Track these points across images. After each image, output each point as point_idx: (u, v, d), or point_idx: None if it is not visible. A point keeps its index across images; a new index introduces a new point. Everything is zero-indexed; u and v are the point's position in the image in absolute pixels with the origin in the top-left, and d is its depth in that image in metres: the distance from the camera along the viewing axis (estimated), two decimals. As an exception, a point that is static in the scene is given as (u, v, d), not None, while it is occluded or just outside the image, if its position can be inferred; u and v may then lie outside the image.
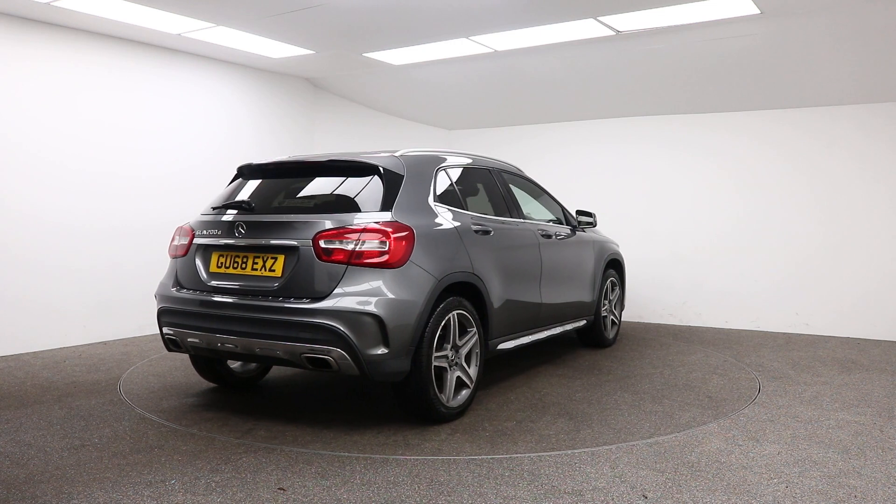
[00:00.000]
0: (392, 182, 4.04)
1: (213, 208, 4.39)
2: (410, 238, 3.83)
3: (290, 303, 3.75)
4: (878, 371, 5.46)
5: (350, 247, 3.71)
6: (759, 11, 5.31)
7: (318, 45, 6.56)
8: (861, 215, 6.93)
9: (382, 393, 4.75)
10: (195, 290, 4.17)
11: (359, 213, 3.87)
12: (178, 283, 4.31)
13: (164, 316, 4.26)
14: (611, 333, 6.46)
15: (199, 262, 4.21)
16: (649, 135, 8.07)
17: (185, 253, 4.28)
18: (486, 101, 8.38)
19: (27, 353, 5.85)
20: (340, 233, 3.75)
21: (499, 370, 5.41)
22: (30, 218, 5.91)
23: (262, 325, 3.80)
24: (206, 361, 4.66)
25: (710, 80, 6.91)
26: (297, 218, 3.95)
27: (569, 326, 5.68)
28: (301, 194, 4.26)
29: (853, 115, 6.97)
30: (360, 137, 8.63)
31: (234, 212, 4.23)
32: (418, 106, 8.86)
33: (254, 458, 3.46)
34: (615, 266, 6.56)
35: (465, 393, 4.18)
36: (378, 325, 3.64)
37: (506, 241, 4.72)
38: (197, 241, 4.24)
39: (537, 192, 5.73)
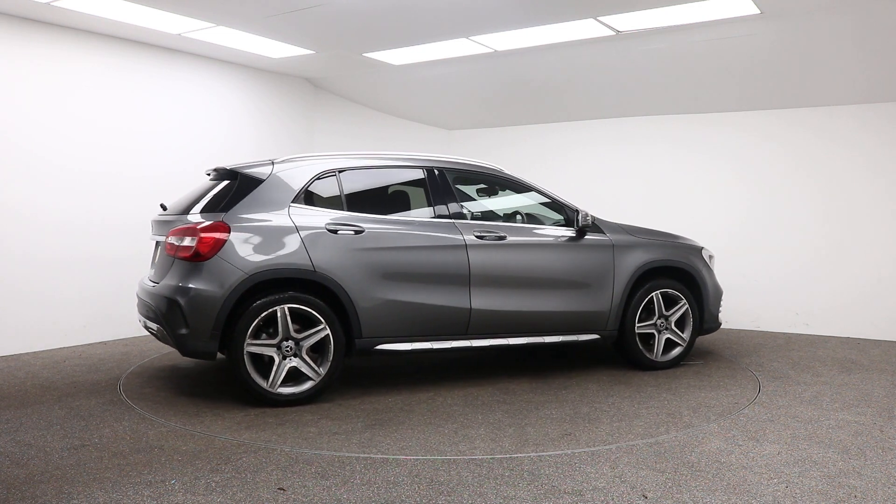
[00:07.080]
0: (245, 187, 4.57)
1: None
2: (222, 236, 4.33)
3: (150, 287, 4.63)
4: (878, 371, 5.46)
5: (177, 242, 4.41)
6: (759, 11, 5.31)
7: (318, 45, 6.56)
8: (861, 215, 6.92)
9: (383, 388, 4.76)
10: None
11: (200, 214, 4.52)
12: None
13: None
14: (662, 354, 5.45)
15: (152, 254, 5.06)
16: (649, 135, 8.06)
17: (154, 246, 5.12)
18: (486, 101, 8.37)
19: (27, 353, 5.85)
20: (176, 231, 4.45)
21: (464, 376, 5.40)
22: (31, 217, 5.91)
23: (142, 305, 4.76)
24: None
25: (710, 80, 6.91)
26: (170, 218, 4.72)
27: (551, 339, 5.12)
28: (193, 198, 4.82)
29: (853, 115, 6.96)
30: (360, 137, 8.62)
31: (160, 212, 5.06)
32: (418, 106, 8.86)
33: (254, 458, 3.47)
34: (677, 275, 5.56)
35: (308, 384, 4.45)
36: (178, 309, 4.29)
37: (392, 242, 4.67)
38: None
39: (529, 193, 5.36)
